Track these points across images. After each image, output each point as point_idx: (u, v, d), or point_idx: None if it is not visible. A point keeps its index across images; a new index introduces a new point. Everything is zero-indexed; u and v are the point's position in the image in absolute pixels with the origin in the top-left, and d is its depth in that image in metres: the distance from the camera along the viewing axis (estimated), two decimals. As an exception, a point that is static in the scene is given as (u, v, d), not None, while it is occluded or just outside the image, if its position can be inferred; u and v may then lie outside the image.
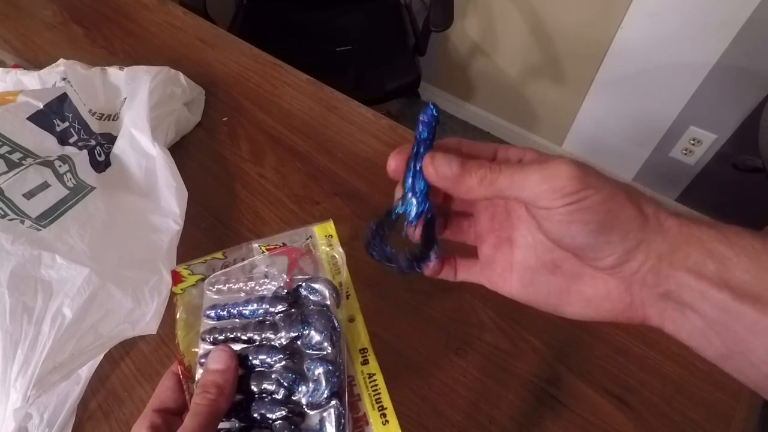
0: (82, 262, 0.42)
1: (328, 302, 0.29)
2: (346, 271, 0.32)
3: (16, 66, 0.70)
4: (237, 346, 0.29)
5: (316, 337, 0.27)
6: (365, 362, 0.29)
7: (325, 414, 0.26)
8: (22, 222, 0.43)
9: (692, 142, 1.37)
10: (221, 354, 0.27)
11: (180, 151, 0.61)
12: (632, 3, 1.24)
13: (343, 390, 0.27)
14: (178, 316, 0.31)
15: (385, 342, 0.45)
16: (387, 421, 0.27)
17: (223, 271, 0.32)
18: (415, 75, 1.29)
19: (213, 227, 0.55)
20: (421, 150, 0.26)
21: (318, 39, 1.42)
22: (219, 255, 0.32)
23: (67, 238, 0.44)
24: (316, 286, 0.29)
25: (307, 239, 0.32)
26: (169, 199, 0.51)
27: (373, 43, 1.40)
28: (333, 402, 0.26)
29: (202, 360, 0.28)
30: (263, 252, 0.32)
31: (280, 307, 0.29)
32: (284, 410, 0.26)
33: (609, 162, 1.61)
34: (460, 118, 1.90)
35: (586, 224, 0.22)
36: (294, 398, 0.27)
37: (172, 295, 0.32)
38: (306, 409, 0.26)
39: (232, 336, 0.29)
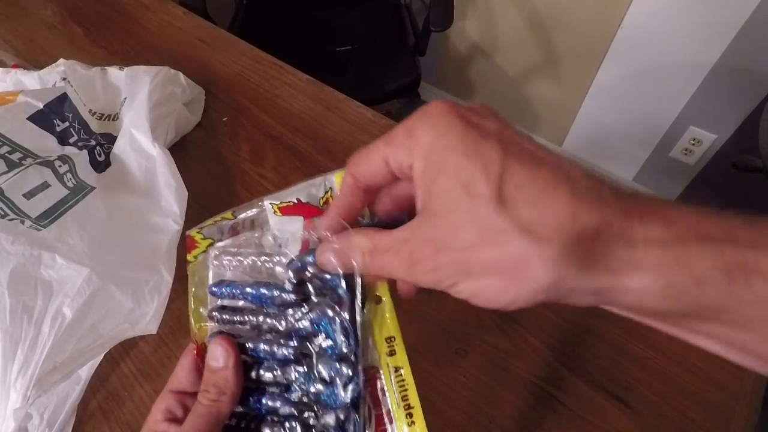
0: (82, 262, 0.42)
1: (343, 296, 0.24)
2: None
3: (16, 66, 0.70)
4: (248, 332, 0.26)
5: (327, 340, 0.24)
6: (392, 353, 0.25)
7: (340, 419, 0.24)
8: (22, 222, 0.43)
9: (692, 142, 1.37)
10: (217, 349, 0.25)
11: (180, 151, 0.61)
12: (632, 2, 1.24)
13: (362, 397, 0.24)
14: (190, 290, 0.28)
15: (385, 342, 0.45)
16: (413, 422, 0.24)
17: (229, 240, 0.28)
18: (415, 75, 1.29)
19: (213, 227, 0.55)
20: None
21: (318, 39, 1.42)
22: (228, 215, 0.29)
23: (67, 238, 0.44)
24: (327, 278, 0.25)
25: (327, 192, 0.28)
26: (169, 199, 0.51)
27: (373, 43, 1.40)
28: (349, 411, 0.24)
29: (209, 339, 0.26)
30: (275, 212, 0.28)
31: (287, 298, 0.25)
32: (294, 410, 0.25)
33: (609, 162, 1.61)
34: (460, 118, 1.90)
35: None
36: (306, 400, 0.25)
37: (186, 263, 0.29)
38: (320, 412, 0.24)
39: (241, 319, 0.26)
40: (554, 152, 0.19)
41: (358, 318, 0.24)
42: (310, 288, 0.25)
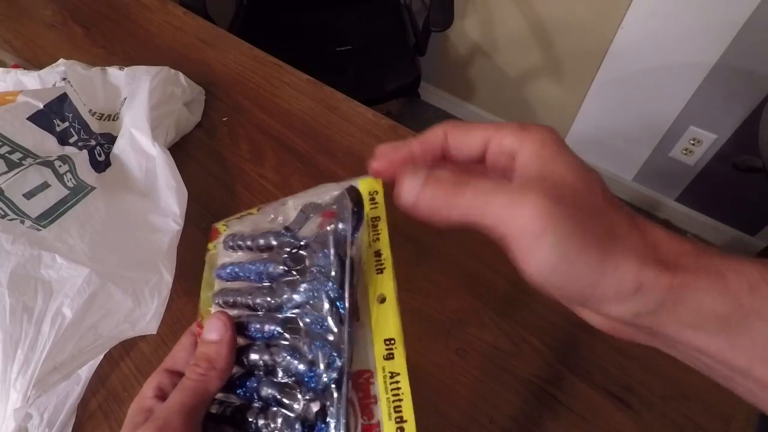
0: (82, 262, 0.42)
1: (333, 272, 0.23)
2: (386, 238, 0.25)
3: (16, 66, 0.70)
4: (244, 312, 0.26)
5: (316, 311, 0.23)
6: (389, 356, 0.23)
7: (321, 404, 0.22)
8: (22, 222, 0.43)
9: (692, 142, 1.37)
10: (215, 323, 0.25)
11: (180, 151, 0.61)
12: (632, 3, 1.24)
13: (340, 383, 0.22)
14: (204, 276, 0.29)
15: (385, 342, 0.45)
16: None
17: (240, 227, 0.28)
18: (415, 75, 1.29)
19: (213, 227, 0.55)
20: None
21: (318, 39, 1.42)
22: (254, 210, 0.30)
23: (67, 238, 0.44)
24: (322, 246, 0.24)
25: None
26: (169, 199, 0.51)
27: (373, 43, 1.40)
28: (331, 394, 0.22)
29: None
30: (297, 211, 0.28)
31: (280, 269, 0.25)
32: (277, 393, 0.23)
33: (609, 162, 1.61)
34: (460, 118, 1.90)
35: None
36: (290, 380, 0.24)
37: (206, 251, 0.30)
38: (302, 396, 0.23)
39: (239, 300, 0.26)
40: None
41: (347, 295, 0.23)
42: (307, 263, 0.25)
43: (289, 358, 0.24)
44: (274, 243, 0.26)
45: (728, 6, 1.11)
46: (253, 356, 0.25)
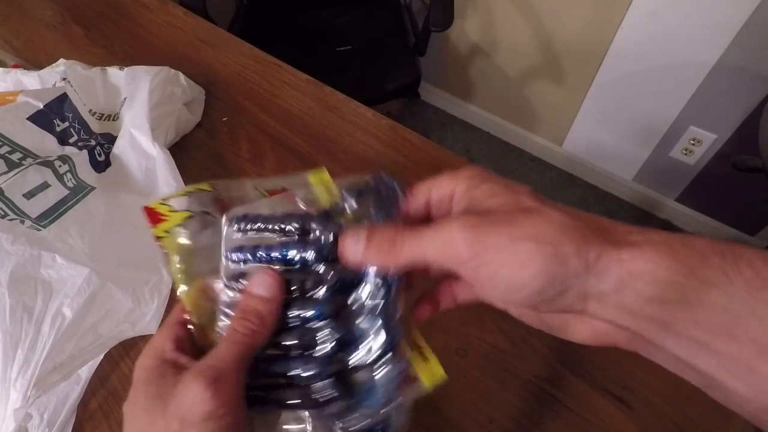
0: (82, 262, 0.43)
1: None
2: None
3: (16, 66, 0.70)
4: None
5: (365, 289, 0.25)
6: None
7: (380, 371, 0.24)
8: (22, 222, 0.43)
9: (692, 142, 1.37)
10: (267, 279, 0.24)
11: (180, 151, 0.61)
12: (632, 3, 1.24)
13: (398, 346, 0.25)
14: (174, 266, 0.26)
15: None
16: (426, 358, 0.26)
17: (246, 206, 0.27)
18: (415, 75, 1.29)
19: (213, 227, 0.55)
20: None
21: (318, 39, 1.42)
22: (205, 186, 0.28)
23: (67, 238, 0.44)
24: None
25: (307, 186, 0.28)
26: (169, 199, 0.51)
27: (373, 42, 1.40)
28: (388, 358, 0.24)
29: (226, 308, 0.25)
30: (262, 195, 0.28)
31: (321, 262, 0.25)
32: (325, 369, 0.24)
33: (609, 162, 1.61)
34: (460, 118, 1.90)
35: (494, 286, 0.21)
36: (340, 356, 0.24)
37: (156, 238, 0.27)
38: (355, 367, 0.24)
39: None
40: None
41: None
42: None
43: (336, 333, 0.25)
44: (313, 225, 0.26)
45: (728, 6, 1.11)
46: (287, 338, 0.25)
